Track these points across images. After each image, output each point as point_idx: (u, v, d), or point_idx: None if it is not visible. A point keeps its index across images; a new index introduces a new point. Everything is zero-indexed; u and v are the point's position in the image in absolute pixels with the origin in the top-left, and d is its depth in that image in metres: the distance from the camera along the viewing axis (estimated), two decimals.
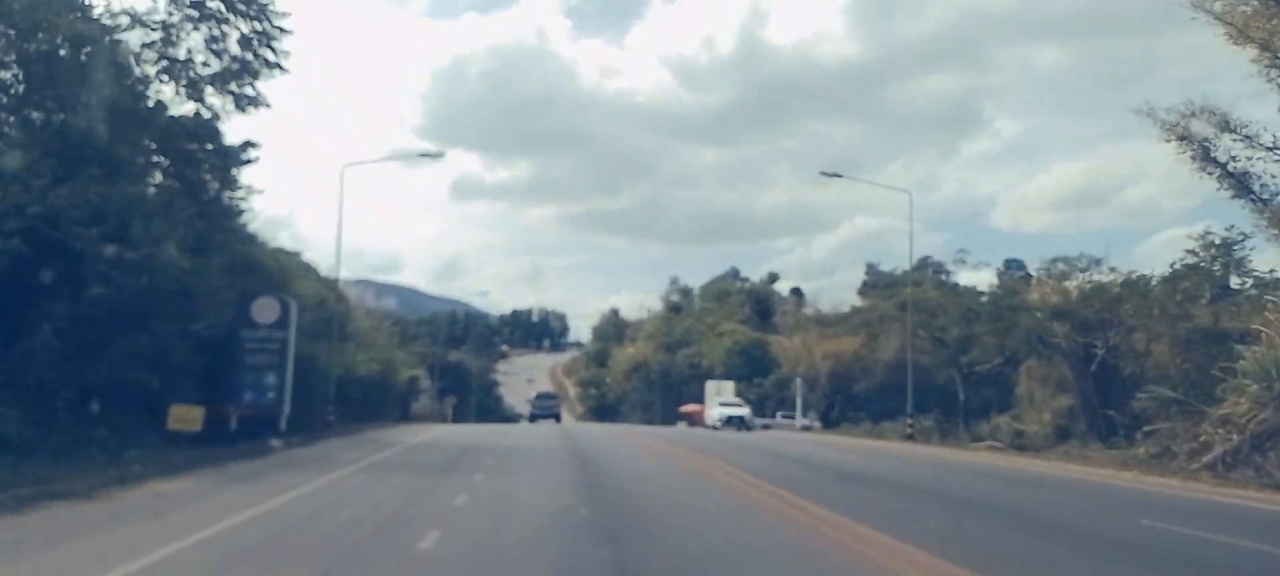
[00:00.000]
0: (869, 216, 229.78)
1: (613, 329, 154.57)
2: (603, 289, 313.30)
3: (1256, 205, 24.03)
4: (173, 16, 22.68)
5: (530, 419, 60.86)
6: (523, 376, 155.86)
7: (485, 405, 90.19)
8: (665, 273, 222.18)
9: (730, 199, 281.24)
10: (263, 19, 23.40)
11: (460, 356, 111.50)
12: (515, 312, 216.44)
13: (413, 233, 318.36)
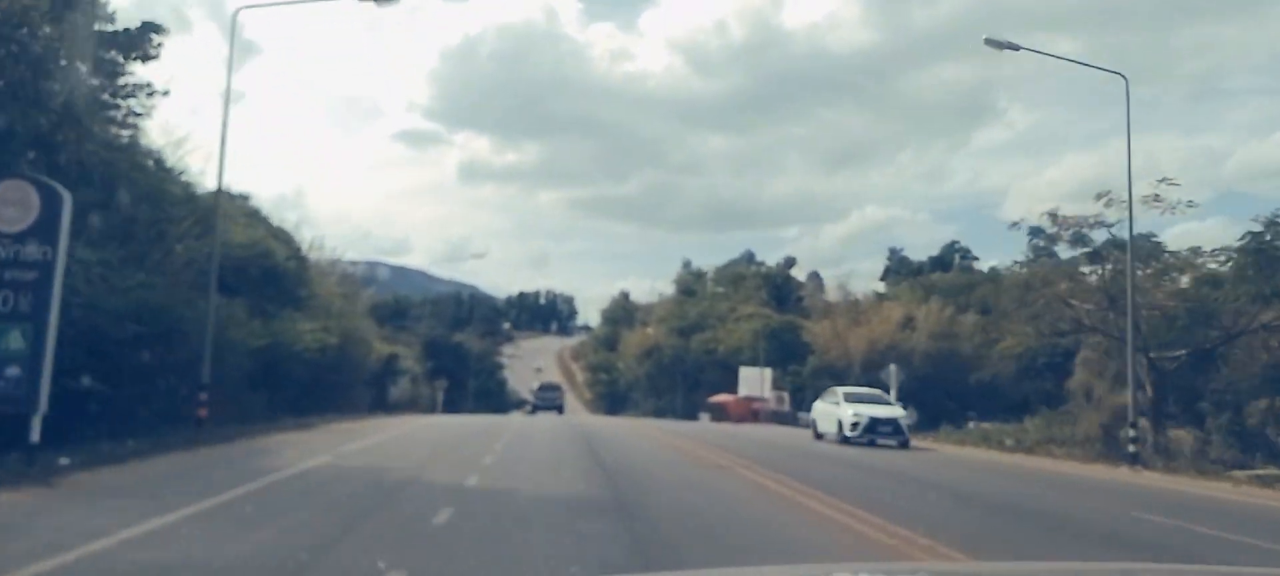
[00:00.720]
0: (879, 206, 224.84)
1: (622, 312, 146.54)
2: (610, 275, 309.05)
3: None
4: None
5: (531, 410, 56.63)
6: (529, 360, 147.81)
7: (487, 390, 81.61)
8: (673, 259, 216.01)
9: (739, 186, 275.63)
10: None
11: (464, 338, 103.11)
12: (522, 295, 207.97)
13: (420, 215, 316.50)
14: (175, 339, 16.64)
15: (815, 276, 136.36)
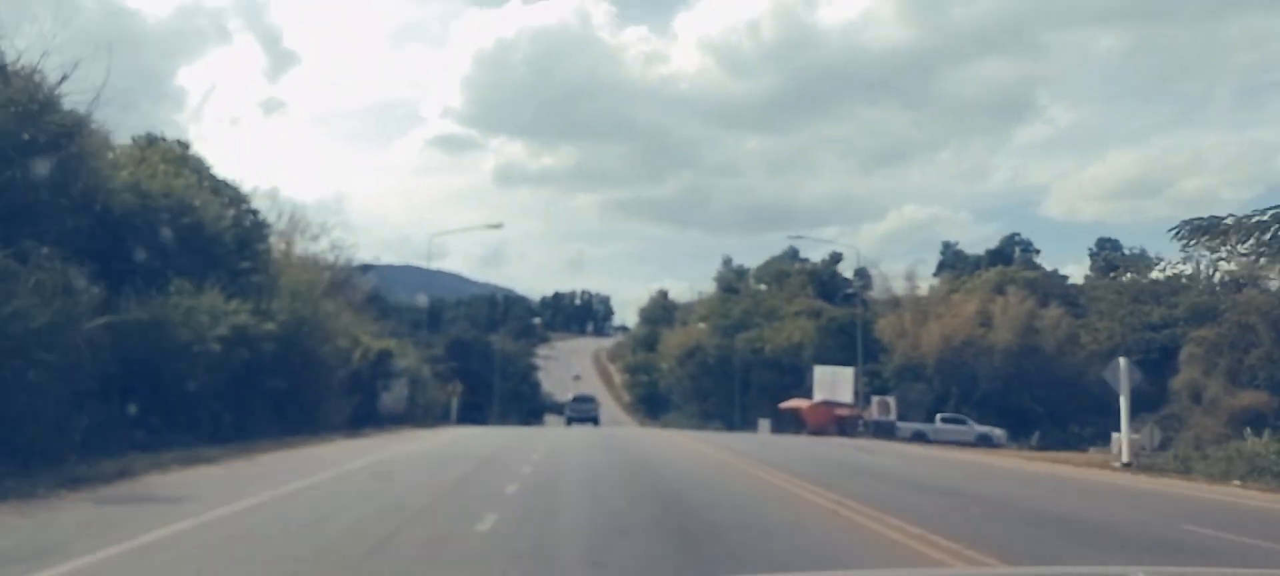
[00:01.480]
0: (919, 205, 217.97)
1: (661, 311, 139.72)
2: (646, 278, 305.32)
3: None
4: None
5: (567, 421, 55.98)
6: (564, 361, 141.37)
7: (519, 394, 74.93)
8: (709, 261, 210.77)
9: (776, 187, 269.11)
10: None
11: (497, 339, 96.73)
12: (557, 295, 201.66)
13: (457, 220, 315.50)
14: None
15: (862, 273, 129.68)
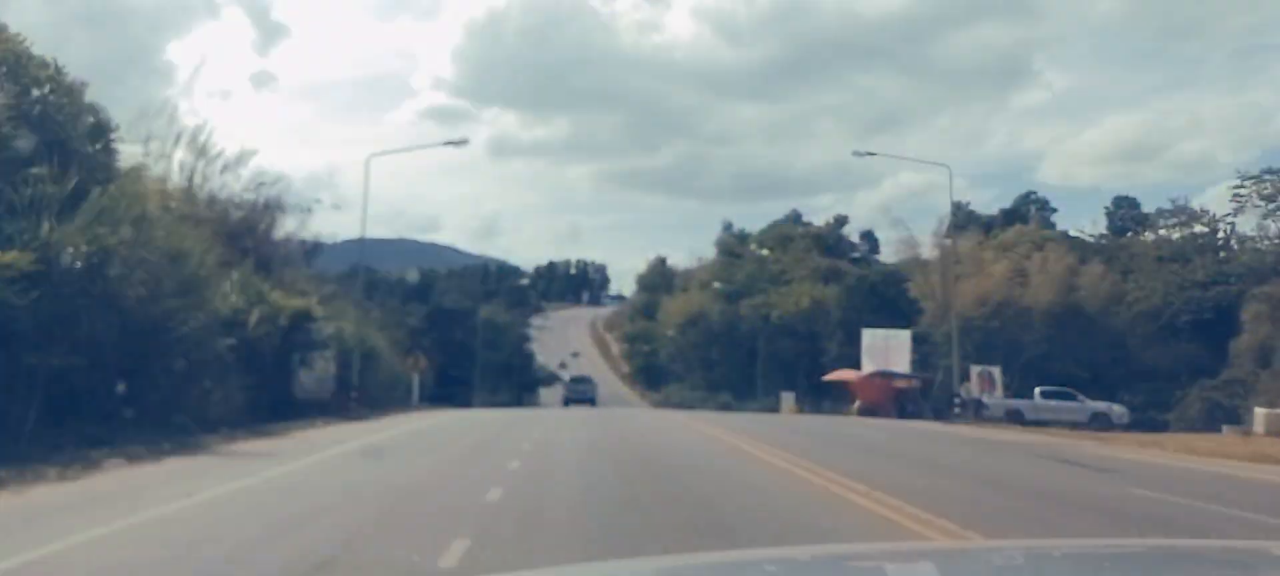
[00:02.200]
0: (914, 172, 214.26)
1: (660, 278, 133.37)
2: (643, 247, 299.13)
3: None
4: None
5: (564, 402, 55.37)
6: (559, 332, 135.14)
7: (510, 367, 68.42)
8: (706, 230, 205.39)
9: (772, 155, 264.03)
10: None
11: (488, 310, 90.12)
12: (552, 265, 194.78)
13: (450, 193, 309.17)
14: None
15: (869, 235, 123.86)
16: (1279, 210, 52.10)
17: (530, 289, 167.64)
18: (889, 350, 42.46)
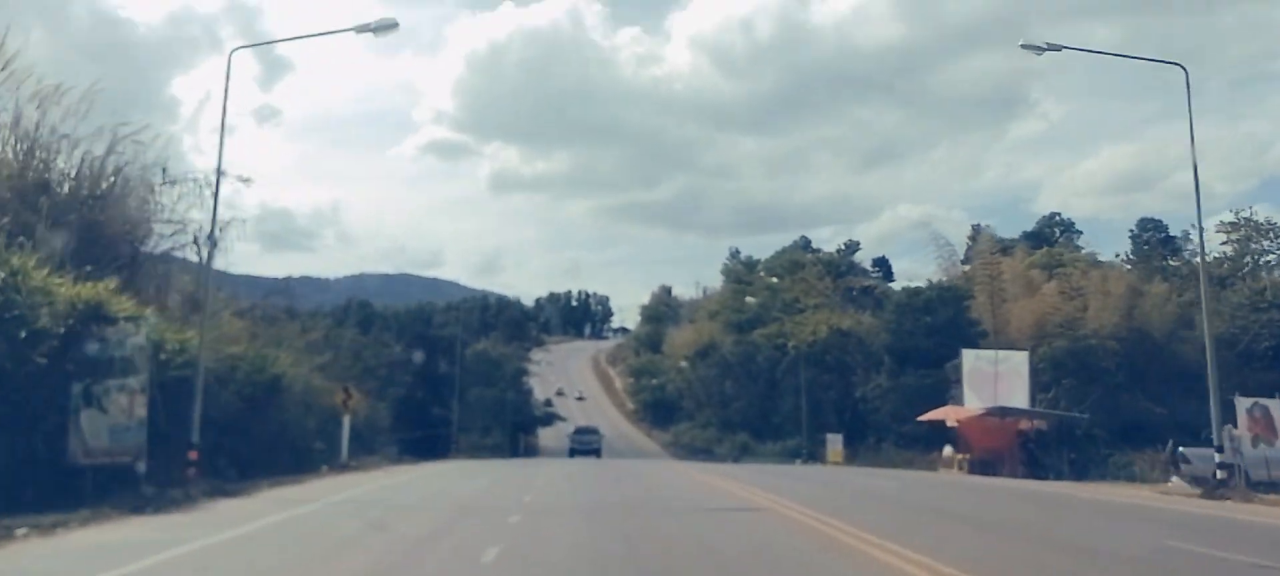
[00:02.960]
0: (913, 203, 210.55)
1: (665, 309, 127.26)
2: (644, 281, 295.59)
3: None
4: None
5: (569, 453, 55.01)
6: (560, 367, 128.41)
7: (503, 403, 61.80)
8: (706, 263, 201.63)
9: (772, 188, 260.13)
10: None
11: (487, 345, 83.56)
12: (553, 296, 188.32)
13: (453, 228, 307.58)
14: None
15: (882, 261, 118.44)
16: None
17: (531, 321, 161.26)
18: (999, 379, 32.56)
